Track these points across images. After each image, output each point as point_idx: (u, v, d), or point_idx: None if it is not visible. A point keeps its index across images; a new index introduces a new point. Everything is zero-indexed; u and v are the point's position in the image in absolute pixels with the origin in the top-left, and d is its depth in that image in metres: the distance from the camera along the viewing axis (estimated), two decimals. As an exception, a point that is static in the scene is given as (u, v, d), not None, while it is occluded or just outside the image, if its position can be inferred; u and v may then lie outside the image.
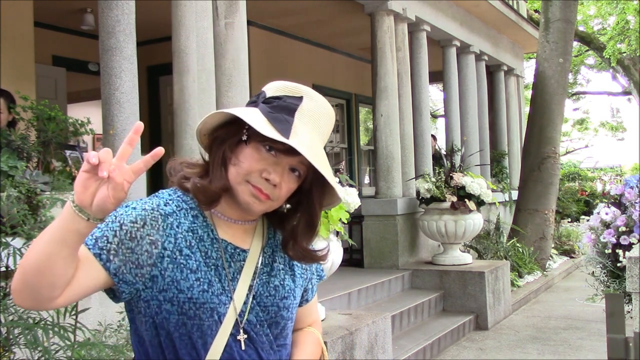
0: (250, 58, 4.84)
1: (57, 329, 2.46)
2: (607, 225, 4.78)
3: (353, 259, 6.85)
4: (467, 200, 6.31)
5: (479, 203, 6.43)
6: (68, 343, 2.47)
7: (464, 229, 6.42)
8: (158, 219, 1.19)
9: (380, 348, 4.05)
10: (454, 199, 6.31)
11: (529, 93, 11.20)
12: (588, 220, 5.06)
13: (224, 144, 1.23)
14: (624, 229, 4.64)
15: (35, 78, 5.74)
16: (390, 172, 6.80)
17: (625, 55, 17.21)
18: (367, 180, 11.63)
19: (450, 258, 6.58)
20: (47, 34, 7.00)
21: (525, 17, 11.08)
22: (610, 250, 4.74)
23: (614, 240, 4.66)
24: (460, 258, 6.59)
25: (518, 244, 8.33)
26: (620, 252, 4.61)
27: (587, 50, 20.02)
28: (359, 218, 6.72)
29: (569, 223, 12.30)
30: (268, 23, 8.36)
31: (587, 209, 12.35)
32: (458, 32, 8.70)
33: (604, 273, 4.87)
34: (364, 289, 5.52)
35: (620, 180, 11.27)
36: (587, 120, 27.06)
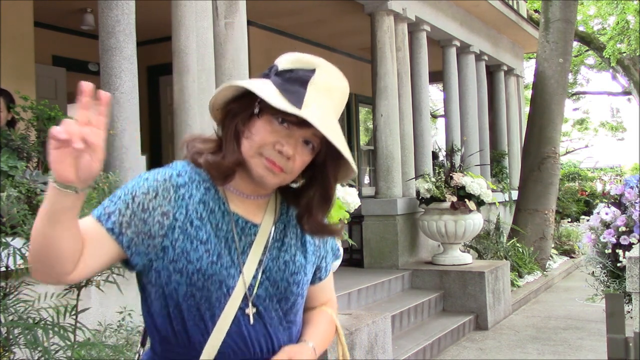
0: (250, 58, 4.84)
1: (57, 329, 2.46)
2: (607, 225, 4.78)
3: (353, 259, 6.85)
4: (467, 200, 6.31)
5: (479, 203, 6.43)
6: (68, 343, 2.47)
7: (464, 229, 6.42)
8: (170, 190, 1.20)
9: (380, 348, 4.05)
10: (454, 199, 6.31)
11: (529, 93, 11.20)
12: (588, 220, 5.06)
13: (237, 117, 1.22)
14: (624, 229, 4.64)
15: (35, 78, 5.74)
16: (390, 172, 6.80)
17: (625, 55, 17.21)
18: (367, 180, 11.63)
19: (450, 258, 6.58)
20: (47, 34, 7.00)
21: (525, 17, 11.08)
22: (610, 250, 4.75)
23: (614, 240, 4.66)
24: (460, 258, 6.59)
25: (518, 244, 8.33)
26: (620, 252, 4.61)
27: (587, 50, 20.02)
28: (359, 218, 6.72)
29: (569, 223, 12.30)
30: (268, 23, 8.36)
31: (587, 209, 12.35)
32: (458, 32, 8.70)
33: (604, 273, 4.88)
34: (364, 289, 5.52)
35: (620, 180, 11.27)
36: (587, 120, 27.05)
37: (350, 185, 3.91)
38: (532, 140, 9.04)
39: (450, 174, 6.51)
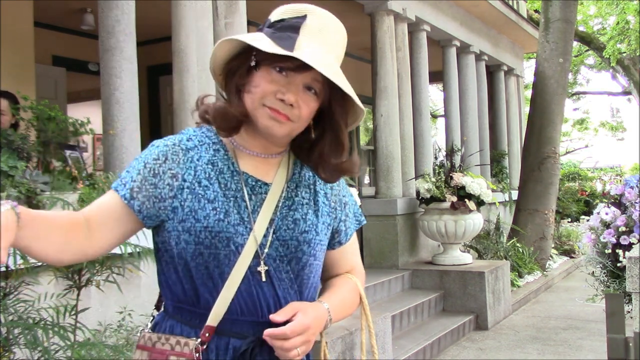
0: (250, 58, 4.83)
1: (57, 329, 2.46)
2: (607, 225, 4.77)
3: (353, 259, 6.84)
4: (467, 200, 6.31)
5: (479, 203, 6.43)
6: (68, 343, 2.47)
7: (464, 229, 6.42)
8: (179, 153, 1.24)
9: (380, 348, 4.05)
10: (454, 199, 6.31)
11: (529, 93, 11.19)
12: (588, 220, 5.06)
13: (236, 74, 1.24)
14: (624, 229, 4.63)
15: (35, 78, 5.74)
16: (390, 172, 6.80)
17: (625, 55, 17.21)
18: (367, 180, 11.63)
19: (450, 258, 6.57)
20: (47, 34, 7.00)
21: (525, 17, 11.08)
22: (610, 250, 4.74)
23: (614, 240, 4.66)
24: (460, 258, 6.59)
25: (518, 244, 8.33)
26: (620, 252, 4.60)
27: (587, 50, 20.02)
28: (359, 218, 6.71)
29: (569, 223, 12.29)
30: (268, 23, 8.35)
31: (587, 209, 12.34)
32: (458, 32, 8.70)
33: (604, 273, 4.87)
34: (364, 289, 5.51)
35: (620, 180, 11.27)
36: (587, 120, 27.04)
37: (351, 186, 3.91)
38: (532, 140, 9.04)
39: (450, 174, 6.52)
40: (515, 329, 6.02)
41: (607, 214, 4.78)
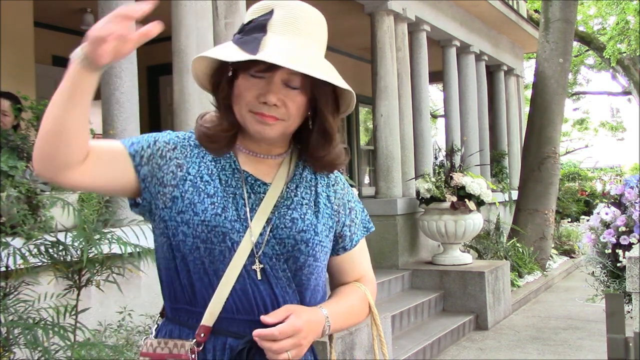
0: (250, 58, 4.83)
1: (57, 329, 2.46)
2: (607, 225, 4.78)
3: (353, 259, 6.84)
4: (467, 200, 6.31)
5: (479, 203, 6.43)
6: (68, 343, 2.47)
7: (464, 229, 6.42)
8: (187, 147, 1.27)
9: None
10: (454, 199, 6.31)
11: (529, 93, 11.20)
12: (588, 220, 5.06)
13: (219, 88, 1.26)
14: (624, 229, 4.64)
15: (35, 78, 5.74)
16: (390, 172, 6.80)
17: (625, 55, 17.21)
18: (367, 180, 11.63)
19: (450, 258, 6.57)
20: (47, 34, 7.00)
21: (525, 17, 11.08)
22: (610, 250, 4.75)
23: (614, 240, 4.66)
24: (460, 258, 6.59)
25: (518, 244, 8.33)
26: (620, 252, 4.61)
27: (587, 50, 20.02)
28: (359, 218, 6.71)
29: (569, 223, 12.29)
30: (268, 23, 8.35)
31: (587, 209, 12.34)
32: (458, 32, 8.70)
33: (604, 273, 4.88)
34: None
35: (620, 180, 11.27)
36: (587, 120, 27.05)
37: (351, 186, 3.91)
38: (532, 140, 9.04)
39: (450, 174, 6.52)
40: (515, 329, 6.02)
41: (607, 214, 4.79)
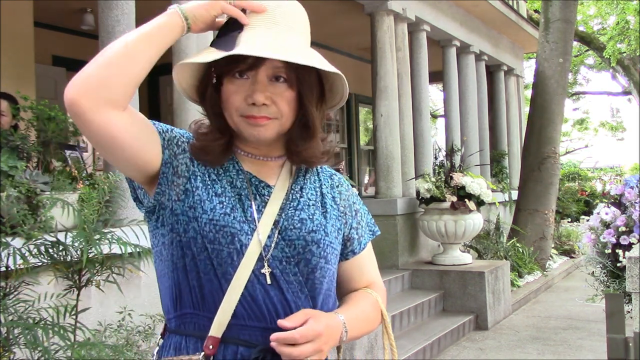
0: (250, 58, 4.83)
1: (57, 329, 2.46)
2: (607, 225, 4.77)
3: (353, 259, 6.84)
4: (467, 200, 6.31)
5: (479, 203, 6.43)
6: (68, 343, 2.47)
7: (464, 229, 6.42)
8: None
9: (380, 348, 4.05)
10: (454, 199, 6.31)
11: (529, 93, 11.20)
12: (588, 220, 5.06)
13: (206, 97, 1.22)
14: (624, 229, 4.63)
15: (35, 78, 5.73)
16: (390, 172, 6.80)
17: (625, 55, 17.21)
18: (367, 180, 11.63)
19: (450, 258, 6.57)
20: (47, 34, 7.00)
21: (525, 17, 11.08)
22: (610, 250, 4.74)
23: (614, 240, 4.66)
24: (460, 258, 6.59)
25: (518, 244, 8.33)
26: (620, 252, 4.60)
27: (587, 50, 20.03)
28: (359, 218, 6.71)
29: (569, 223, 12.29)
30: (268, 23, 8.34)
31: (587, 209, 12.35)
32: (458, 32, 8.70)
33: (604, 273, 4.87)
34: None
35: (620, 180, 11.27)
36: (587, 120, 27.06)
37: (352, 186, 3.91)
38: (532, 140, 9.04)
39: (450, 174, 6.52)
40: (515, 329, 6.02)
41: (607, 214, 4.78)
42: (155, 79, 8.64)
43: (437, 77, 9.49)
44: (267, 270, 1.16)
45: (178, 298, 1.19)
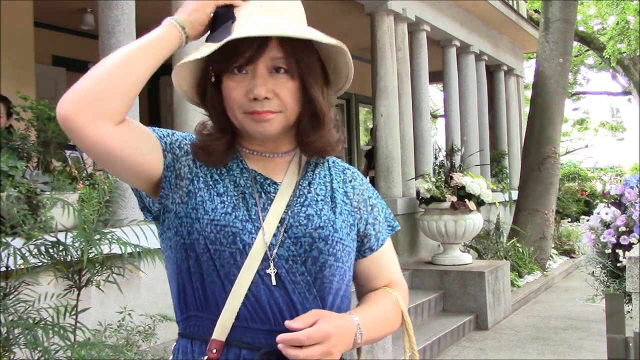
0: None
1: (57, 329, 2.46)
2: (607, 225, 4.77)
3: (353, 259, 6.84)
4: (467, 200, 6.31)
5: (479, 203, 6.43)
6: (68, 343, 2.47)
7: (464, 229, 6.42)
8: None
9: (380, 348, 4.05)
10: (454, 199, 6.31)
11: (529, 93, 11.20)
12: (588, 220, 5.05)
13: (206, 97, 1.20)
14: (624, 229, 4.63)
15: (35, 78, 5.74)
16: (390, 172, 6.80)
17: (625, 55, 17.21)
18: (366, 180, 11.63)
19: (450, 258, 6.57)
20: (47, 34, 7.00)
21: (525, 17, 11.08)
22: (610, 250, 4.74)
23: (614, 240, 4.65)
24: (460, 258, 6.59)
25: (518, 244, 8.33)
26: (620, 252, 4.60)
27: (587, 50, 20.03)
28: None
29: (569, 223, 12.29)
30: (268, 23, 8.34)
31: (587, 209, 12.34)
32: (458, 32, 8.70)
33: (604, 273, 4.87)
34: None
35: (620, 180, 11.27)
36: (587, 120, 27.06)
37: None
38: (532, 140, 9.04)
39: (450, 174, 6.51)
40: (515, 329, 6.02)
41: (607, 214, 4.78)
42: (156, 79, 8.62)
43: (437, 77, 9.49)
44: (272, 271, 1.13)
45: (184, 301, 1.17)
